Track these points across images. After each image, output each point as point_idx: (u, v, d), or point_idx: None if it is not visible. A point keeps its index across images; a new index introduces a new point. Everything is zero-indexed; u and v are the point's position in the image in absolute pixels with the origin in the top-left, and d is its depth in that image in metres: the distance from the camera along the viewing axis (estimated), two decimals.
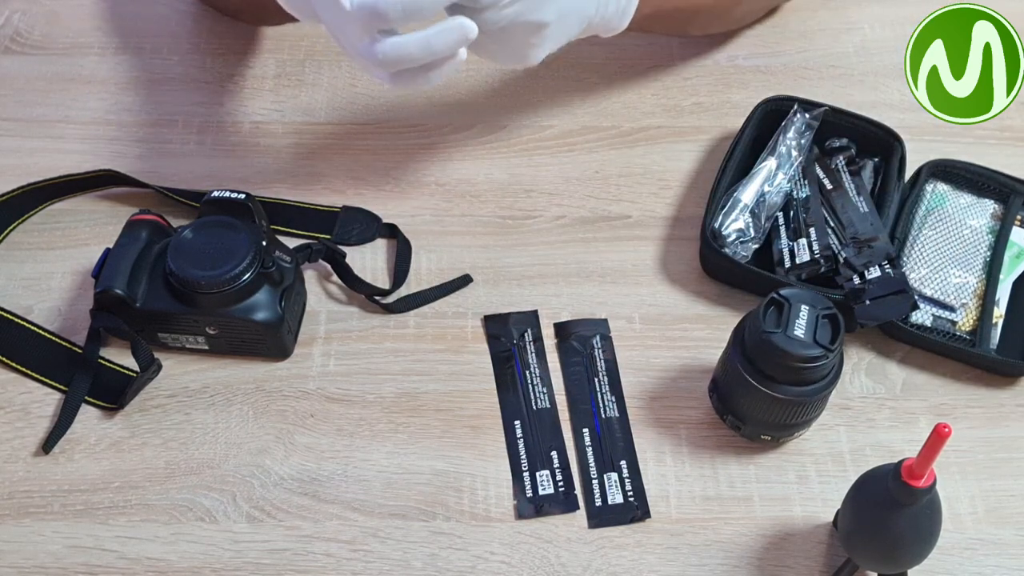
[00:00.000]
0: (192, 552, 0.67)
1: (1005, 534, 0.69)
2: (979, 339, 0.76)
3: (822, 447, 0.73)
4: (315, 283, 0.80)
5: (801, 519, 0.70)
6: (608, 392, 0.75)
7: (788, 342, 0.65)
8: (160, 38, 0.96)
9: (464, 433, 0.73)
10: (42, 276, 0.79)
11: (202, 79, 0.93)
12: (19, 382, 0.74)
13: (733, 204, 0.81)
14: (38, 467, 0.70)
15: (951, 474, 0.71)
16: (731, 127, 0.88)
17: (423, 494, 0.70)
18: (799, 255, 0.78)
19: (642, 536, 0.69)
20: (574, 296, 0.80)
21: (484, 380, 0.75)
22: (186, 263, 0.70)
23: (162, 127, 0.89)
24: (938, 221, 0.82)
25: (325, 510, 0.69)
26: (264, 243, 0.72)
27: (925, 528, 0.60)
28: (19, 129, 0.89)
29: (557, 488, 0.70)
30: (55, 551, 0.67)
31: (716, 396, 0.72)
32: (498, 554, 0.67)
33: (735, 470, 0.72)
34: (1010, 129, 0.92)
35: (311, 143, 0.88)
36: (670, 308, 0.80)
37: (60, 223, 0.82)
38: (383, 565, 0.67)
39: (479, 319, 0.78)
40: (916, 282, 0.78)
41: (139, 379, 0.72)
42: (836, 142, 0.86)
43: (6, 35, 0.96)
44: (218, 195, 0.73)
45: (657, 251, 0.83)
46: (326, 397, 0.74)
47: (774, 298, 0.67)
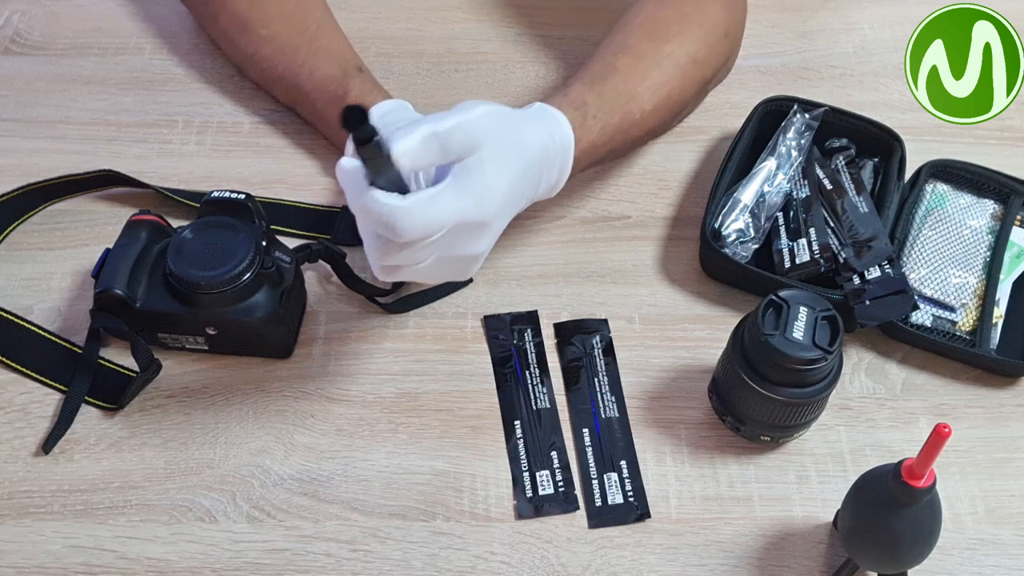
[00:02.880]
0: (192, 552, 0.67)
1: (1005, 534, 0.69)
2: (979, 339, 0.76)
3: (822, 447, 0.73)
4: (315, 283, 0.80)
5: (801, 519, 0.70)
6: (608, 392, 0.75)
7: (787, 344, 0.65)
8: (160, 38, 0.96)
9: (464, 433, 0.73)
10: (42, 276, 0.79)
11: (202, 79, 0.93)
12: (19, 382, 0.74)
13: (733, 204, 0.81)
14: (38, 467, 0.70)
15: (951, 474, 0.71)
16: (731, 127, 0.88)
17: (423, 494, 0.70)
18: (799, 255, 0.78)
19: (642, 536, 0.69)
20: (574, 296, 0.80)
21: (484, 380, 0.75)
22: (186, 263, 0.70)
23: (162, 127, 0.89)
24: (938, 221, 0.82)
25: (325, 510, 0.69)
26: (264, 243, 0.72)
27: (925, 528, 0.60)
28: (19, 129, 0.89)
29: (557, 488, 0.70)
30: (55, 551, 0.67)
31: (716, 397, 0.72)
32: (498, 554, 0.67)
33: (735, 470, 0.72)
34: (1010, 129, 0.92)
35: (311, 143, 0.88)
36: (670, 308, 0.80)
37: (60, 223, 0.82)
38: (383, 565, 0.67)
39: (479, 319, 0.78)
40: (916, 282, 0.78)
41: (139, 379, 0.72)
42: (836, 142, 0.86)
43: (6, 35, 0.96)
44: (218, 195, 0.73)
45: (657, 251, 0.83)
46: (326, 397, 0.74)
47: (773, 300, 0.67)
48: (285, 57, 0.86)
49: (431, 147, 0.59)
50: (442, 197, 0.60)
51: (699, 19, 0.84)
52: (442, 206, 0.60)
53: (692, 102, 0.87)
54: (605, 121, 0.75)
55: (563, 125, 0.71)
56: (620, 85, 0.77)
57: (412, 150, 0.57)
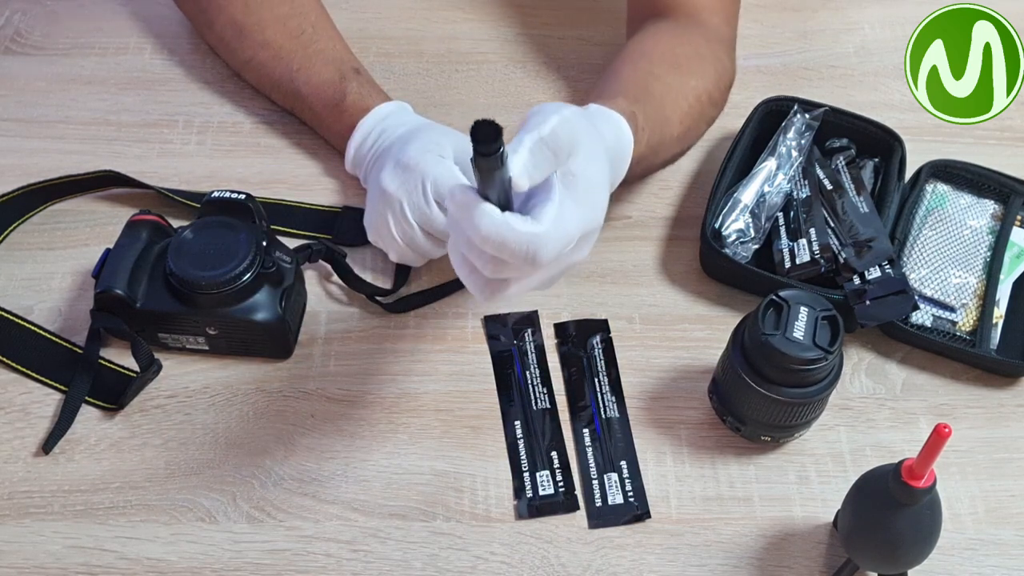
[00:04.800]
0: (192, 552, 0.67)
1: (1005, 534, 0.69)
2: (979, 339, 0.76)
3: (822, 447, 0.73)
4: (315, 283, 0.80)
5: (801, 519, 0.70)
6: (608, 392, 0.75)
7: (787, 344, 0.65)
8: (161, 38, 0.96)
9: (464, 433, 0.73)
10: (42, 276, 0.79)
11: (202, 79, 0.93)
12: (19, 382, 0.74)
13: (733, 204, 0.81)
14: (38, 467, 0.70)
15: (951, 474, 0.71)
16: (731, 127, 0.88)
17: (423, 494, 0.70)
18: (799, 255, 0.78)
19: (642, 536, 0.69)
20: (574, 296, 0.80)
21: (484, 380, 0.75)
22: (186, 263, 0.70)
23: (162, 127, 0.89)
24: (938, 221, 0.82)
25: (325, 510, 0.69)
26: (264, 243, 0.72)
27: (925, 528, 0.60)
28: (19, 129, 0.89)
29: (557, 488, 0.70)
30: (55, 551, 0.67)
31: (716, 397, 0.72)
32: (498, 554, 0.67)
33: (735, 470, 0.72)
34: (1010, 129, 0.92)
35: (311, 143, 0.88)
36: (670, 308, 0.80)
37: (60, 223, 0.82)
38: (383, 565, 0.67)
39: (479, 319, 0.78)
40: (916, 282, 0.78)
41: (139, 379, 0.72)
42: (836, 142, 0.86)
43: (6, 35, 0.96)
44: (218, 195, 0.73)
45: (657, 251, 0.83)
46: (326, 397, 0.74)
47: (773, 300, 0.67)
48: (281, 62, 0.86)
49: (543, 155, 0.55)
50: (566, 212, 0.56)
51: (712, 61, 0.84)
52: (569, 222, 0.56)
53: (696, 140, 0.87)
54: (650, 135, 0.74)
55: (624, 127, 0.70)
56: (656, 108, 0.77)
57: (526, 164, 0.54)
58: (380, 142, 0.79)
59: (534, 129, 0.55)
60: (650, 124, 0.74)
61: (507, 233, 0.53)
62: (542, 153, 0.55)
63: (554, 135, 0.55)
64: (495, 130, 0.49)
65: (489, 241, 0.54)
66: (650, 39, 0.84)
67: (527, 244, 0.54)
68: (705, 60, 0.84)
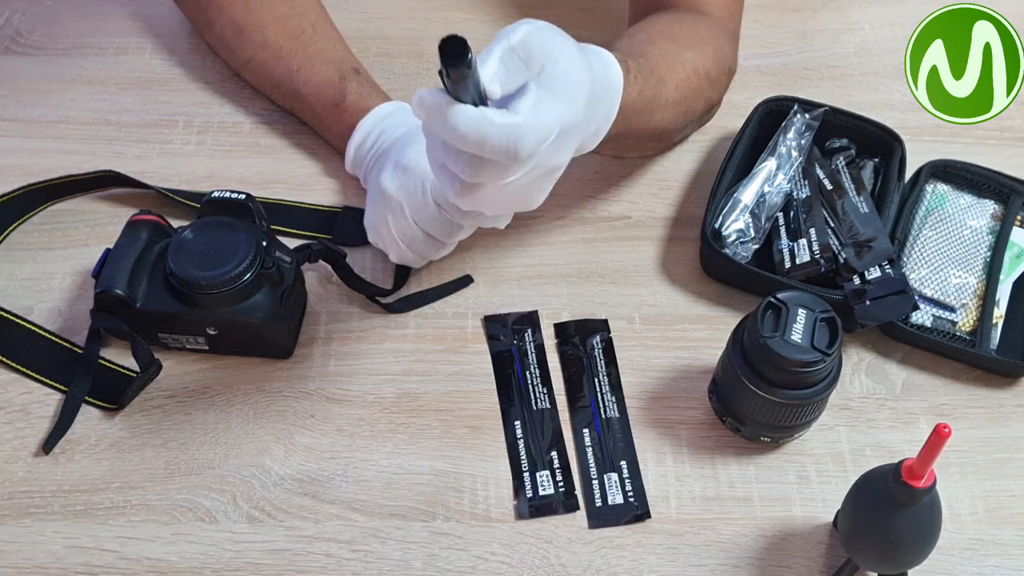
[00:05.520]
0: (192, 552, 0.67)
1: (1005, 534, 0.69)
2: (979, 339, 0.76)
3: (822, 447, 0.73)
4: (315, 283, 0.80)
5: (801, 519, 0.70)
6: (608, 392, 0.75)
7: (785, 346, 0.65)
8: (161, 38, 0.96)
9: (464, 433, 0.73)
10: (42, 276, 0.79)
11: (202, 79, 0.93)
12: (19, 382, 0.74)
13: (733, 204, 0.81)
14: (38, 467, 0.70)
15: (951, 474, 0.71)
16: (731, 127, 0.88)
17: (423, 494, 0.70)
18: (799, 255, 0.78)
19: (642, 536, 0.69)
20: (574, 296, 0.80)
21: (484, 380, 0.75)
22: (186, 263, 0.70)
23: (162, 127, 0.89)
24: (938, 221, 0.82)
25: (325, 510, 0.69)
26: (264, 243, 0.72)
27: (925, 528, 0.60)
28: (19, 129, 0.89)
29: (557, 488, 0.70)
30: (55, 551, 0.67)
31: (716, 397, 0.72)
32: (498, 554, 0.67)
33: (735, 470, 0.72)
34: (1010, 129, 0.92)
35: (311, 143, 0.88)
36: (670, 308, 0.80)
37: (60, 223, 0.82)
38: (383, 565, 0.67)
39: (479, 319, 0.78)
40: (916, 282, 0.78)
41: (139, 379, 0.72)
42: (836, 142, 0.86)
43: (6, 35, 0.96)
44: (218, 195, 0.73)
45: (657, 251, 0.83)
46: (326, 397, 0.74)
47: (771, 302, 0.67)
48: (281, 62, 0.86)
49: (514, 63, 0.54)
50: (544, 104, 0.55)
51: (712, 42, 0.83)
52: (547, 112, 0.55)
53: (694, 121, 0.86)
54: (643, 85, 0.71)
55: (613, 63, 0.66)
56: (651, 66, 0.74)
57: (497, 71, 0.53)
58: (380, 142, 0.79)
59: (504, 39, 0.55)
60: (643, 75, 0.71)
61: (485, 126, 0.52)
62: (513, 61, 0.54)
63: (524, 43, 0.55)
64: (462, 43, 0.49)
65: (468, 138, 0.53)
66: (649, 21, 0.83)
67: (506, 135, 0.53)
68: (705, 40, 0.82)
